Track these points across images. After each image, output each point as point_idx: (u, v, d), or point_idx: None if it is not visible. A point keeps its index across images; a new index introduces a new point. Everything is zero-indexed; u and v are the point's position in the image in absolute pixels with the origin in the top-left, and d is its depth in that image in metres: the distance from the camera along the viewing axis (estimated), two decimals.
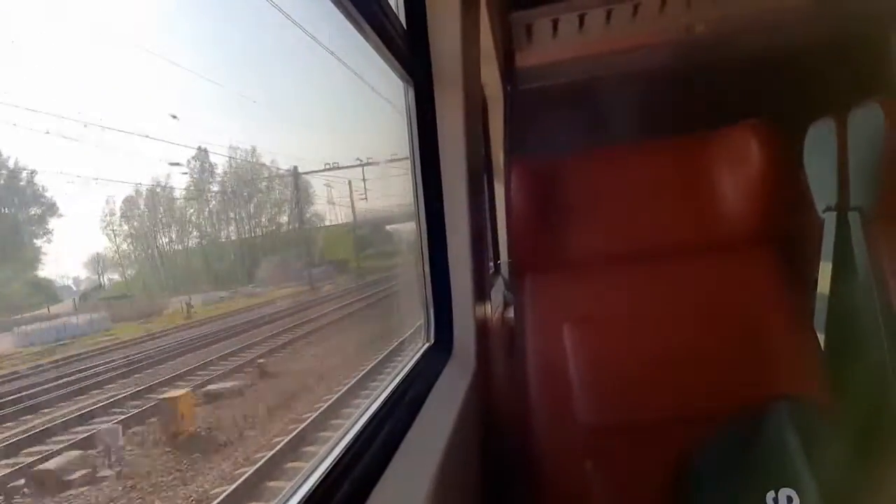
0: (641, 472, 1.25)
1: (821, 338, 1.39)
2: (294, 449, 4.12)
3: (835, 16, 2.60)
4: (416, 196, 1.45)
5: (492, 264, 2.85)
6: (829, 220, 1.54)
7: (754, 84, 2.68)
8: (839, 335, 1.46)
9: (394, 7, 1.23)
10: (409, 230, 1.50)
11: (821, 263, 1.56)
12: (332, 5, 0.96)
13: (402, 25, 1.29)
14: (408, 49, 1.31)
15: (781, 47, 2.76)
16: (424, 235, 1.45)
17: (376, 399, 1.05)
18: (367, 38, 1.09)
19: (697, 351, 1.28)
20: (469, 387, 1.27)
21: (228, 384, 5.39)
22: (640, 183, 1.39)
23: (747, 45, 2.78)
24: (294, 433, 4.29)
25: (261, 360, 6.02)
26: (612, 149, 1.67)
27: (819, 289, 1.55)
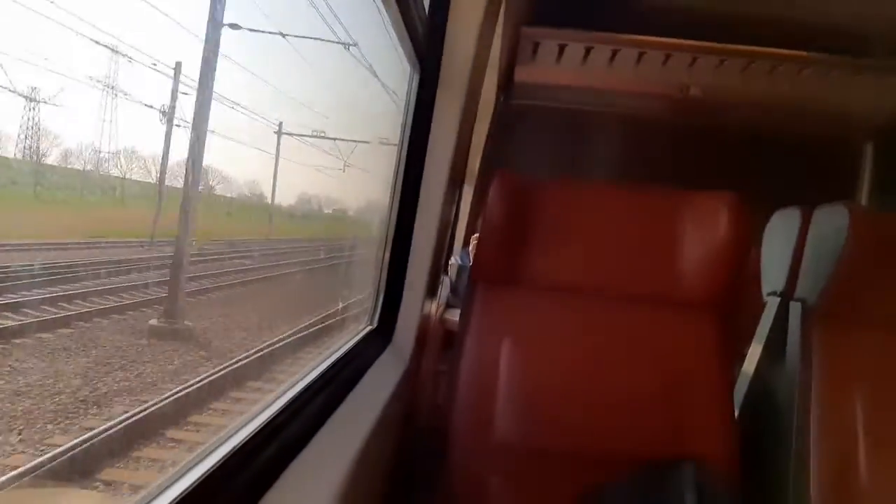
0: (545, 502, 1.28)
1: (736, 412, 1.45)
2: None
3: (818, 113, 2.73)
4: (395, 181, 1.44)
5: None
6: (772, 304, 1.62)
7: (735, 156, 2.80)
8: (755, 412, 1.53)
9: None
10: None
11: (753, 341, 1.63)
12: None
13: (424, 10, 1.27)
14: (424, 35, 1.29)
15: (767, 128, 2.88)
16: (393, 222, 1.44)
17: (310, 373, 1.03)
18: (387, 5, 1.07)
19: (622, 397, 1.31)
20: (401, 378, 1.27)
21: None
22: (610, 223, 1.41)
23: (736, 118, 2.89)
24: None
25: None
26: (590, 184, 1.70)
27: (745, 365, 1.62)
